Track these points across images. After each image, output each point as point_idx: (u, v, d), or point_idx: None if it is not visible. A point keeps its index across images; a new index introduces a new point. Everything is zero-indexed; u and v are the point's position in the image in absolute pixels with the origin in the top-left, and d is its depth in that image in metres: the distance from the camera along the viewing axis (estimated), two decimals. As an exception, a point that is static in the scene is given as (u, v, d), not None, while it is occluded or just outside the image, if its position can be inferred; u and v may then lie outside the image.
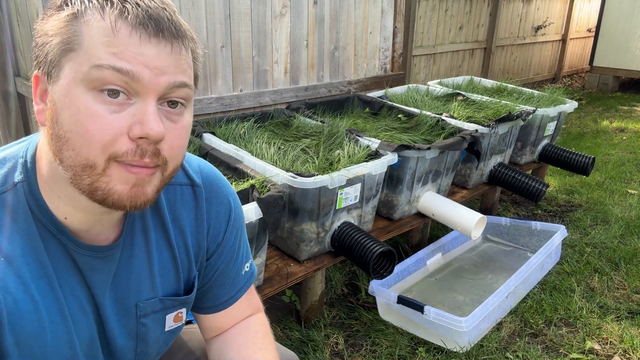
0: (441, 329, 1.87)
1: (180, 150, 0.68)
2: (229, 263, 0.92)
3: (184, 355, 1.05)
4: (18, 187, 0.68)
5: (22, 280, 0.67)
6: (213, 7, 2.47)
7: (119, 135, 0.61)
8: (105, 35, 0.60)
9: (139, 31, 0.60)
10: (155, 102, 0.63)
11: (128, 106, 0.62)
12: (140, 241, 0.79)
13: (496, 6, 5.44)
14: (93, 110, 0.60)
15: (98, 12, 0.60)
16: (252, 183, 1.70)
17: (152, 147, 0.63)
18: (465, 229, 2.21)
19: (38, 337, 0.69)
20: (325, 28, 3.03)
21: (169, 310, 0.86)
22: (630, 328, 2.03)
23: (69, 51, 0.61)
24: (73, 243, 0.71)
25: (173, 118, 0.66)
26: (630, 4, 6.44)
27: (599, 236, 2.78)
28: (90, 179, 0.63)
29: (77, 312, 0.74)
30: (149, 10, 0.61)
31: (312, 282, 1.99)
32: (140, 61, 0.61)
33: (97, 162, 0.62)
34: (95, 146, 0.61)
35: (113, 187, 0.64)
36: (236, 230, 0.92)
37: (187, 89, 0.66)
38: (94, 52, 0.60)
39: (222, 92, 2.63)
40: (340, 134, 2.22)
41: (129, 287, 0.79)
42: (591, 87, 7.05)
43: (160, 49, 0.62)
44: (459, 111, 2.77)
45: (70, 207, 0.69)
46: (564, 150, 3.05)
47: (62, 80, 0.62)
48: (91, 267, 0.73)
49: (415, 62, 4.68)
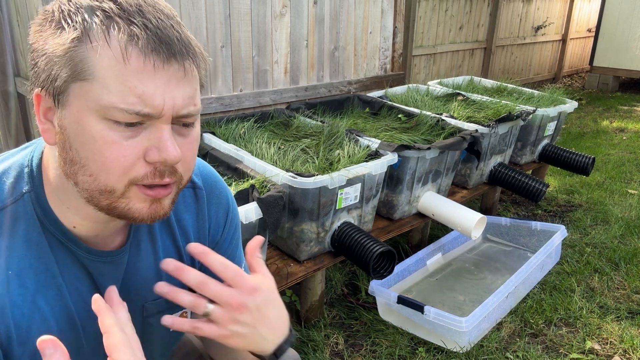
0: (441, 329, 1.87)
1: (193, 162, 0.69)
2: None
3: (187, 352, 1.06)
4: (25, 198, 0.68)
5: (30, 292, 0.68)
6: (213, 7, 2.47)
7: (136, 160, 0.61)
8: (117, 64, 0.58)
9: (152, 59, 0.59)
10: (170, 126, 0.63)
11: (142, 130, 0.61)
12: (146, 244, 0.80)
13: (496, 6, 5.44)
14: (108, 138, 0.60)
15: (104, 35, 0.58)
16: (252, 183, 1.70)
17: (169, 168, 0.64)
18: (465, 229, 2.21)
19: None
20: (325, 28, 3.03)
21: (174, 310, 0.86)
22: (630, 328, 2.03)
23: (79, 80, 0.59)
24: (83, 250, 0.71)
25: (184, 133, 0.66)
26: (630, 4, 6.44)
27: (599, 236, 2.78)
28: (108, 201, 0.63)
29: (86, 318, 0.74)
30: (158, 33, 0.59)
31: (312, 282, 1.99)
32: (158, 93, 0.60)
33: (116, 188, 0.62)
34: (114, 172, 0.61)
35: (133, 207, 0.64)
36: (233, 230, 0.93)
37: (196, 108, 0.65)
38: (111, 89, 0.58)
39: (222, 92, 2.63)
40: (340, 134, 2.22)
41: (135, 289, 0.80)
42: (591, 87, 7.05)
43: (171, 73, 0.60)
44: (459, 111, 2.77)
45: (79, 217, 0.69)
46: (564, 150, 3.05)
47: (73, 107, 0.60)
48: (102, 272, 0.74)
49: (415, 62, 4.68)
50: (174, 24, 0.61)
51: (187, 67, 0.62)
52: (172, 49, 0.60)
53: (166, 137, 0.62)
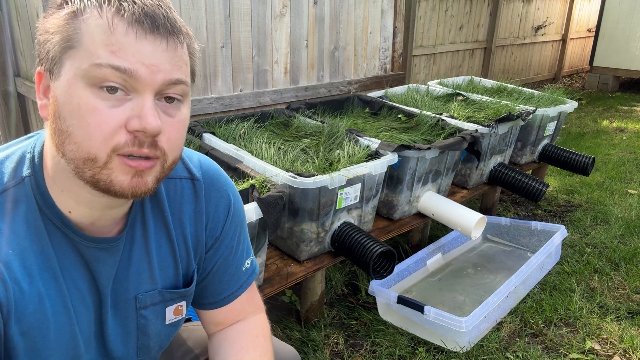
0: (441, 329, 1.87)
1: (178, 142, 0.70)
2: (227, 258, 0.93)
3: (183, 352, 1.06)
4: (26, 182, 0.70)
5: (29, 272, 0.69)
6: (213, 7, 2.47)
7: (117, 128, 0.63)
8: (103, 32, 0.62)
9: (135, 28, 0.62)
10: (153, 98, 0.65)
11: (126, 101, 0.64)
12: (139, 234, 0.81)
13: (496, 6, 5.44)
14: (92, 105, 0.62)
15: (96, 9, 0.62)
16: (252, 183, 1.70)
17: (149, 139, 0.65)
18: (465, 229, 2.21)
19: (41, 327, 0.71)
20: (325, 28, 3.03)
21: (168, 302, 0.87)
22: (630, 328, 2.03)
23: (69, 48, 0.63)
24: (78, 235, 0.73)
25: (170, 112, 0.68)
26: (630, 4, 6.44)
27: (599, 236, 2.78)
28: (91, 171, 0.65)
29: (79, 304, 0.75)
30: (145, 8, 0.63)
31: (312, 282, 1.99)
32: (138, 59, 0.62)
33: (98, 156, 0.64)
34: (95, 139, 0.63)
35: (115, 179, 0.66)
36: (235, 226, 0.93)
37: (183, 85, 0.68)
38: (93, 50, 0.62)
39: (222, 92, 2.63)
40: (340, 134, 2.22)
41: (128, 279, 0.80)
42: (591, 87, 7.05)
43: (156, 45, 0.64)
44: (459, 111, 2.77)
45: (73, 201, 0.71)
46: (564, 150, 3.05)
47: (63, 77, 0.63)
48: (97, 258, 0.75)
49: (415, 62, 4.68)
50: (162, 5, 0.65)
51: (170, 42, 0.65)
52: (155, 22, 0.63)
53: (148, 107, 0.64)
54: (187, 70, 0.69)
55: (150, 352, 0.89)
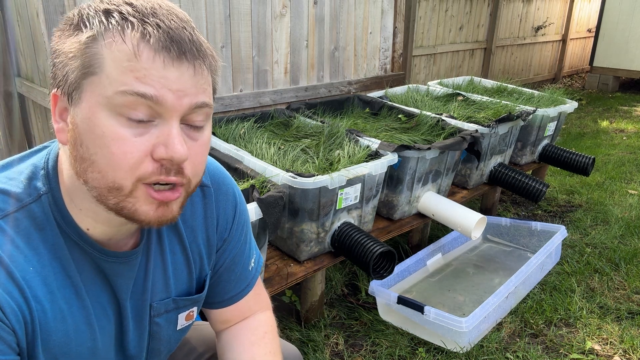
0: (441, 329, 1.87)
1: (202, 166, 0.69)
2: (235, 258, 0.94)
3: (187, 351, 1.07)
4: (43, 199, 0.69)
5: (50, 289, 0.69)
6: (213, 7, 2.47)
7: (143, 157, 0.62)
8: (128, 59, 0.59)
9: (162, 55, 0.60)
10: (178, 124, 0.63)
11: (151, 127, 0.62)
12: (155, 245, 0.81)
13: (496, 6, 5.44)
14: (117, 134, 0.61)
15: (119, 34, 0.60)
16: (252, 183, 1.70)
17: (176, 167, 0.64)
18: (465, 229, 2.21)
19: (63, 345, 0.71)
20: (326, 28, 3.03)
21: (181, 309, 0.88)
22: (630, 328, 2.03)
23: (90, 74, 0.61)
24: (98, 251, 0.72)
25: (194, 136, 0.66)
26: (630, 4, 6.44)
27: (599, 236, 2.78)
28: (116, 199, 0.64)
29: (102, 317, 0.76)
30: (170, 32, 0.61)
31: (312, 283, 1.99)
32: (163, 84, 0.60)
33: (123, 185, 0.62)
34: (121, 169, 0.61)
35: (140, 208, 0.65)
36: (241, 225, 0.94)
37: (207, 109, 0.66)
38: (117, 77, 0.59)
39: (222, 92, 2.63)
40: (340, 134, 2.22)
41: (144, 289, 0.81)
42: (591, 87, 7.04)
43: (182, 71, 0.62)
44: (459, 111, 2.77)
45: (91, 220, 0.70)
46: (564, 151, 3.05)
47: (84, 104, 0.61)
48: (116, 272, 0.75)
49: (415, 62, 4.68)
50: (186, 27, 0.63)
51: (197, 67, 0.63)
52: (182, 48, 0.61)
53: (174, 134, 0.62)
54: (210, 92, 0.67)
55: (159, 356, 0.90)
